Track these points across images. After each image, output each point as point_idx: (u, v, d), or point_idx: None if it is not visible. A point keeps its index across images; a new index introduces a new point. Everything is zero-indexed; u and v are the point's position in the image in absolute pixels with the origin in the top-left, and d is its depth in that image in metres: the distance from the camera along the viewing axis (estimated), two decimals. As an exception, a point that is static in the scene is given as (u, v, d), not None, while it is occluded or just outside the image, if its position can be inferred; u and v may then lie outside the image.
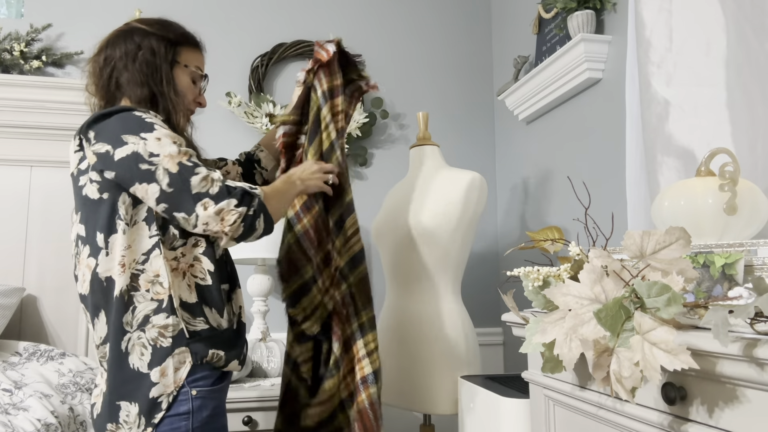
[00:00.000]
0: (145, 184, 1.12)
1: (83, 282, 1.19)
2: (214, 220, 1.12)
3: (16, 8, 2.53)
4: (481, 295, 2.72)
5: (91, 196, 1.16)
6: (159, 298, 1.15)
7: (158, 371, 1.13)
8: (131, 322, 1.14)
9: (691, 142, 1.41)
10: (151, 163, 1.12)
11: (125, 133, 1.14)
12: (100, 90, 1.29)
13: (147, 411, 1.12)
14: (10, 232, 2.29)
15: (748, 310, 0.72)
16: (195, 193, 1.11)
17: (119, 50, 1.29)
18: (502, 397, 1.53)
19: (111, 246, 1.14)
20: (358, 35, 2.78)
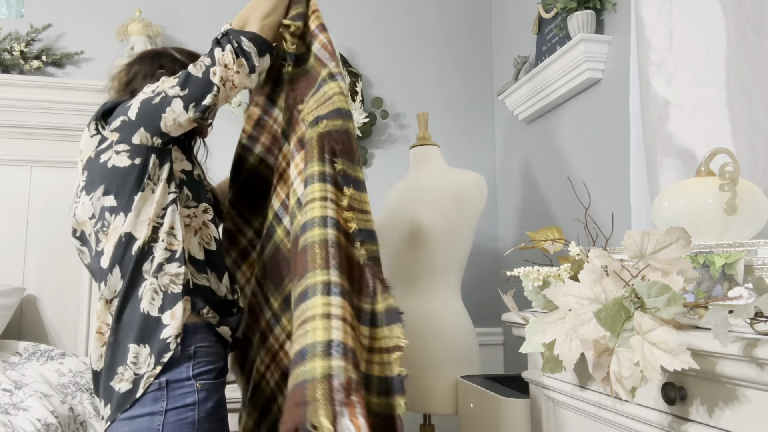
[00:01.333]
0: (168, 108, 1.22)
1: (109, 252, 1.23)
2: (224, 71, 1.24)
3: (16, 8, 2.53)
4: (481, 295, 2.72)
5: (120, 166, 1.23)
6: (173, 248, 1.23)
7: (169, 314, 1.21)
8: (149, 270, 1.22)
9: (691, 142, 1.41)
10: (157, 93, 1.23)
11: (127, 102, 1.27)
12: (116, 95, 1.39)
13: (158, 351, 1.19)
14: (10, 232, 2.29)
15: (748, 310, 0.72)
16: (201, 75, 1.24)
17: (145, 67, 1.38)
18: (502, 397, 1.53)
19: (137, 205, 1.22)
20: (358, 35, 2.78)
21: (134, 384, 1.18)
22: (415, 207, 1.96)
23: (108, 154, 1.24)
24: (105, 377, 1.21)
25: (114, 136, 1.24)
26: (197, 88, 1.24)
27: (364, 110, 2.65)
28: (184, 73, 1.25)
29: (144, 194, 1.23)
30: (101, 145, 1.26)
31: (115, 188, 1.23)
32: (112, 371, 1.20)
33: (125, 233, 1.22)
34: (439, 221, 1.91)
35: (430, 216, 1.92)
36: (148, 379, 1.18)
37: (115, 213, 1.23)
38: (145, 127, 1.23)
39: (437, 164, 2.05)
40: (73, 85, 2.32)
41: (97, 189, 1.25)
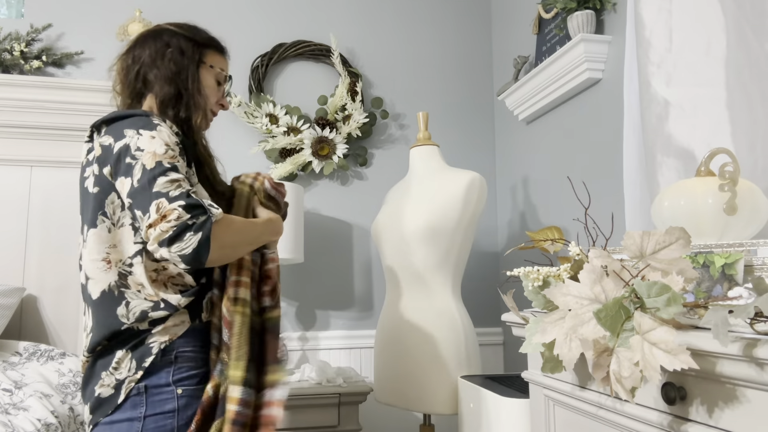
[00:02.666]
0: (122, 178, 1.09)
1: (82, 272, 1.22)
2: (156, 220, 1.03)
3: (16, 8, 2.53)
4: (481, 295, 2.72)
5: (89, 190, 1.17)
6: (152, 299, 1.14)
7: (161, 327, 1.15)
8: (127, 315, 1.13)
9: (691, 142, 1.41)
10: (134, 157, 1.09)
11: (128, 128, 1.13)
12: (127, 88, 1.30)
13: (139, 356, 1.14)
14: (10, 232, 2.29)
15: (748, 310, 0.72)
16: (155, 191, 1.04)
17: (148, 49, 1.29)
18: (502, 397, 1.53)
19: (89, 240, 1.15)
20: (358, 35, 2.78)
21: (116, 389, 1.14)
22: (414, 207, 1.96)
23: (89, 170, 1.18)
24: (88, 383, 1.18)
25: (98, 151, 1.15)
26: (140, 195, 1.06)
27: (364, 110, 2.65)
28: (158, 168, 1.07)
29: (96, 231, 1.13)
30: (89, 155, 1.19)
31: (82, 211, 1.19)
32: (95, 376, 1.17)
33: (84, 271, 1.16)
34: (439, 221, 1.91)
35: (430, 216, 1.92)
36: (129, 384, 1.13)
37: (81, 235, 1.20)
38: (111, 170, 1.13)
39: (437, 164, 2.05)
40: (73, 85, 2.32)
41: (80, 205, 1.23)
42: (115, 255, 1.14)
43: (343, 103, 2.60)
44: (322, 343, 2.56)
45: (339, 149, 2.58)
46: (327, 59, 2.68)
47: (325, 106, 2.63)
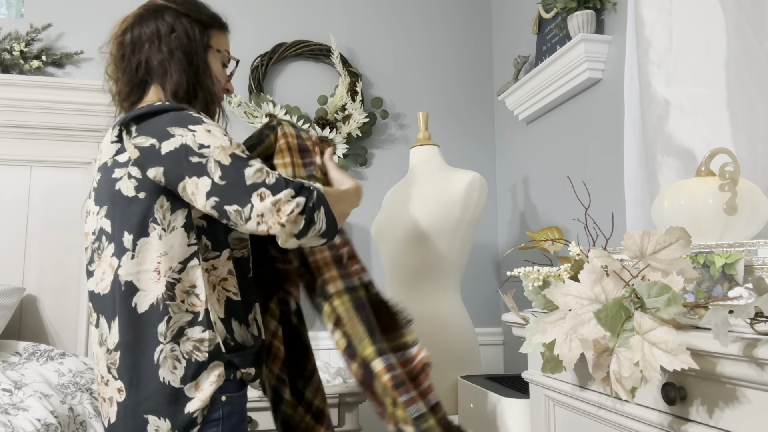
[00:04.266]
0: (195, 178, 1.03)
1: (101, 280, 1.10)
2: (270, 211, 1.01)
3: (16, 8, 2.53)
4: (481, 295, 2.72)
5: (124, 193, 1.07)
6: (195, 310, 1.08)
7: (193, 386, 1.06)
8: (165, 333, 1.06)
9: (691, 142, 1.41)
10: (201, 155, 1.03)
11: (171, 125, 1.05)
12: (125, 74, 1.18)
13: (182, 427, 1.05)
14: (10, 232, 2.29)
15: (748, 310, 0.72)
16: (250, 184, 1.02)
17: (148, 29, 1.17)
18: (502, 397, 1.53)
19: (140, 250, 1.06)
20: (358, 35, 2.78)
21: None
22: (415, 207, 1.96)
23: (120, 172, 1.08)
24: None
25: (134, 154, 1.06)
26: (231, 191, 1.02)
27: (364, 110, 2.65)
28: (241, 163, 1.04)
29: (148, 240, 1.06)
30: (118, 156, 1.09)
31: (113, 215, 1.09)
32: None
33: (125, 281, 1.06)
34: (439, 221, 1.91)
35: (430, 216, 1.92)
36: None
37: (108, 241, 1.09)
38: (166, 171, 1.05)
39: (437, 164, 2.05)
40: (73, 85, 2.32)
41: (102, 206, 1.11)
42: (165, 263, 1.06)
43: (343, 103, 2.60)
44: (321, 343, 2.56)
45: (339, 149, 2.58)
46: (327, 59, 2.68)
47: (325, 106, 2.63)
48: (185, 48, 1.18)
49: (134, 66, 1.17)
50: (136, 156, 1.06)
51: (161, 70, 1.17)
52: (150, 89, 1.19)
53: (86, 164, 2.37)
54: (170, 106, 1.09)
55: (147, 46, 1.17)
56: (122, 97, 1.20)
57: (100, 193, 1.12)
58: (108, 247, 1.09)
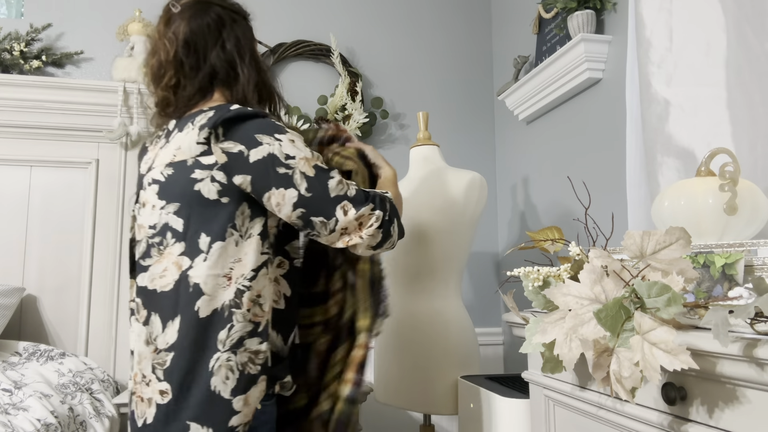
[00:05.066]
0: (282, 189, 1.04)
1: (161, 277, 1.08)
2: (353, 225, 1.07)
3: (16, 8, 2.53)
4: (481, 295, 2.72)
5: (205, 195, 1.06)
6: (256, 320, 1.07)
7: (242, 399, 1.04)
8: (225, 341, 1.04)
9: (691, 142, 1.41)
10: (288, 166, 1.05)
11: (258, 133, 1.06)
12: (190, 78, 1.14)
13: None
14: (10, 232, 2.29)
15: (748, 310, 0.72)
16: (334, 196, 1.06)
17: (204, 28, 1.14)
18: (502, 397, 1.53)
19: (213, 254, 1.05)
20: (358, 36, 2.78)
21: None
22: (415, 207, 1.96)
23: (203, 173, 1.06)
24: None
25: (221, 159, 1.05)
26: (317, 202, 1.06)
27: (364, 110, 2.65)
28: (324, 175, 1.07)
29: (224, 245, 1.05)
30: (202, 158, 1.06)
31: (188, 215, 1.07)
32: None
33: (194, 283, 1.04)
34: (439, 221, 1.91)
35: (430, 216, 1.92)
36: None
37: (176, 240, 1.07)
38: (253, 180, 1.05)
39: (437, 164, 2.05)
40: (73, 85, 2.32)
41: (171, 202, 1.08)
42: (238, 269, 1.06)
43: (343, 103, 2.60)
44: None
45: (339, 149, 2.58)
46: (327, 59, 2.68)
47: (325, 105, 2.63)
48: (245, 46, 1.17)
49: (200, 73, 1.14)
50: (224, 161, 1.05)
51: (228, 71, 1.15)
52: (215, 90, 1.16)
53: (86, 164, 2.37)
54: (257, 111, 1.08)
55: (211, 51, 1.14)
56: (183, 101, 1.15)
57: (170, 188, 1.09)
58: (175, 245, 1.07)
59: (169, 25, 1.15)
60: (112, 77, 2.38)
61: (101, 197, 2.37)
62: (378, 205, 1.09)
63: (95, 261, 2.33)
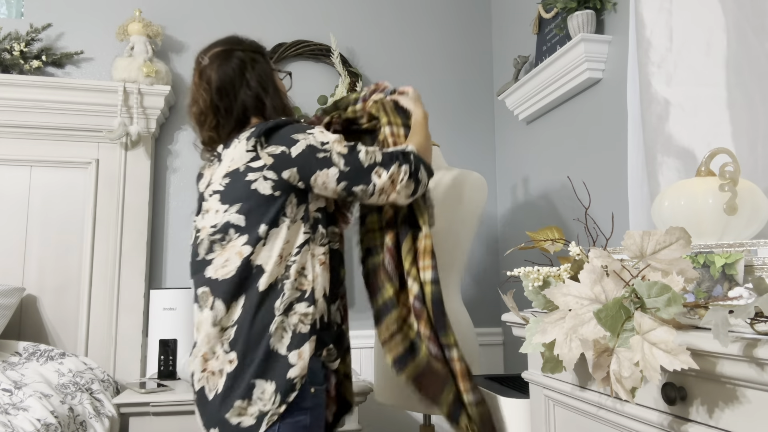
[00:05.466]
0: (325, 170, 1.28)
1: (223, 267, 1.27)
2: (387, 184, 1.31)
3: (16, 8, 2.53)
4: (481, 295, 2.72)
5: (261, 192, 1.27)
6: (303, 288, 1.28)
7: (296, 354, 1.24)
8: (279, 307, 1.25)
9: (691, 142, 1.41)
10: (325, 150, 1.28)
11: (294, 133, 1.29)
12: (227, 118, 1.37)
13: (284, 390, 1.22)
14: (10, 232, 2.29)
15: (748, 310, 0.72)
16: (366, 166, 1.30)
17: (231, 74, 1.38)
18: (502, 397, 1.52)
19: (270, 238, 1.26)
20: (358, 36, 2.78)
21: (258, 420, 1.21)
22: (415, 207, 1.96)
23: (256, 175, 1.28)
24: (219, 408, 1.23)
25: (268, 161, 1.28)
26: (356, 175, 1.29)
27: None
28: (354, 151, 1.31)
29: (278, 230, 1.27)
30: (252, 162, 1.28)
31: (249, 210, 1.27)
32: (227, 403, 1.22)
33: (256, 266, 1.25)
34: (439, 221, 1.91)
35: (430, 216, 1.91)
36: (272, 417, 1.21)
37: (239, 233, 1.27)
38: (299, 169, 1.28)
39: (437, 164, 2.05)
40: (73, 85, 2.32)
41: (233, 204, 1.29)
42: (287, 249, 1.28)
43: (343, 103, 2.60)
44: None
45: (339, 149, 2.59)
46: (327, 59, 2.68)
47: (325, 105, 2.62)
48: (267, 79, 1.42)
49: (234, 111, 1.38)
50: (271, 162, 1.28)
51: (257, 104, 1.39)
52: (251, 119, 1.40)
53: (86, 164, 2.37)
54: (287, 120, 1.34)
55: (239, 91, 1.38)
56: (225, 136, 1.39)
57: (230, 193, 1.30)
58: (238, 238, 1.27)
59: (202, 77, 1.40)
60: (112, 77, 2.38)
61: (101, 197, 2.37)
62: (402, 161, 1.32)
63: (95, 261, 2.33)
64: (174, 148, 2.55)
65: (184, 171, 2.54)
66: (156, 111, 2.41)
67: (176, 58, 2.60)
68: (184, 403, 1.86)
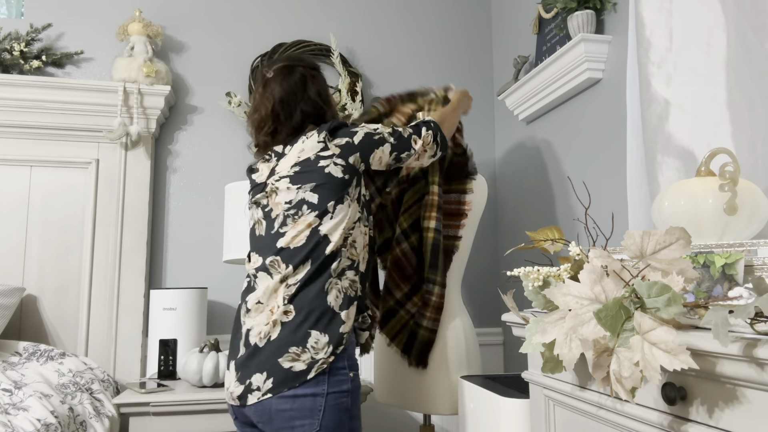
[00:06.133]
0: (381, 147, 1.55)
1: (295, 237, 1.44)
2: (421, 148, 1.61)
3: (16, 8, 2.53)
4: (481, 295, 2.72)
5: (335, 174, 1.47)
6: (353, 258, 1.49)
7: (346, 313, 1.42)
8: (336, 269, 1.44)
9: (691, 142, 1.41)
10: (378, 133, 1.55)
11: (352, 128, 1.55)
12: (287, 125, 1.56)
13: (336, 342, 1.38)
14: (10, 232, 2.29)
15: (748, 310, 0.72)
16: (406, 136, 1.59)
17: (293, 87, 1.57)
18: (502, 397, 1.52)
19: (335, 213, 1.45)
20: (358, 36, 2.78)
21: (308, 366, 1.35)
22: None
23: (327, 161, 1.48)
24: (271, 353, 1.37)
25: (336, 150, 1.49)
26: (402, 144, 1.58)
27: (364, 110, 2.64)
28: (396, 129, 1.60)
29: (343, 206, 1.47)
30: (323, 152, 1.48)
31: (322, 190, 1.46)
32: (281, 349, 1.36)
33: (323, 235, 1.44)
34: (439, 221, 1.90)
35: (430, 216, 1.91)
36: (321, 365, 1.36)
37: (311, 209, 1.45)
38: (361, 152, 1.51)
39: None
40: (73, 85, 2.32)
41: (307, 183, 1.47)
42: (346, 223, 1.47)
43: (343, 103, 2.60)
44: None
45: (339, 149, 2.58)
46: (327, 59, 2.68)
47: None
48: (323, 93, 1.62)
49: (294, 118, 1.56)
50: (338, 152, 1.49)
51: (315, 113, 1.58)
52: (308, 128, 1.56)
53: (86, 164, 2.37)
54: (344, 122, 1.58)
55: (301, 102, 1.57)
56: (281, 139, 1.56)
57: (303, 176, 1.48)
58: (309, 213, 1.45)
59: (266, 88, 1.58)
60: (112, 77, 2.38)
61: (101, 197, 2.37)
62: (426, 128, 1.63)
63: (95, 261, 2.33)
64: (174, 148, 2.55)
65: (184, 171, 2.54)
66: (156, 111, 2.41)
67: (176, 58, 2.60)
68: (184, 403, 1.86)
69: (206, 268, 2.49)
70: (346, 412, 1.39)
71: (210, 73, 2.63)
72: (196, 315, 2.22)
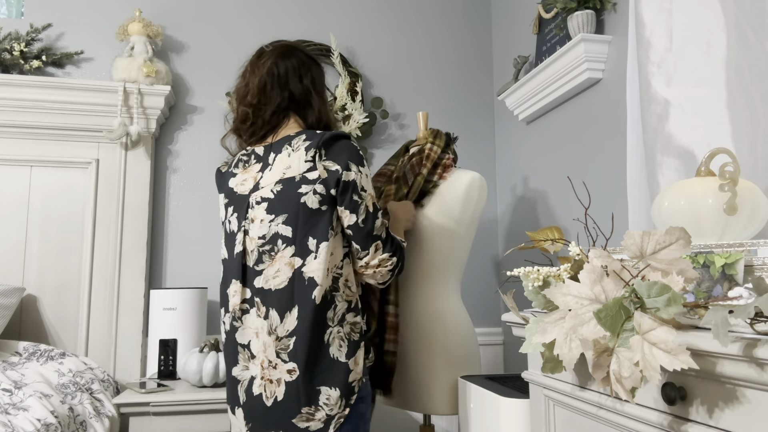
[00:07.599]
0: (347, 212, 1.35)
1: (274, 278, 1.33)
2: (374, 264, 1.39)
3: (16, 8, 2.53)
4: (481, 295, 2.72)
5: (309, 205, 1.32)
6: (349, 299, 1.37)
7: (353, 361, 1.35)
8: (333, 318, 1.33)
9: (691, 142, 1.41)
10: (360, 196, 1.35)
11: (351, 160, 1.35)
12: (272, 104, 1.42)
13: (346, 394, 1.32)
14: (10, 231, 2.29)
15: (748, 310, 0.72)
16: (374, 234, 1.37)
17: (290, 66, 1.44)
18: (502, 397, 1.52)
19: (321, 252, 1.32)
20: (358, 36, 2.78)
21: (325, 424, 1.31)
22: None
23: (307, 188, 1.33)
24: (284, 413, 1.31)
25: (323, 174, 1.33)
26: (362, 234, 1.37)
27: (364, 110, 2.65)
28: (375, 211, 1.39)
29: (327, 243, 1.32)
30: (309, 173, 1.33)
31: (296, 223, 1.32)
32: (294, 410, 1.30)
33: (308, 278, 1.31)
34: (439, 221, 1.91)
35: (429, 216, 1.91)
36: (338, 420, 1.32)
37: (286, 244, 1.32)
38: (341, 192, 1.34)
39: (437, 164, 2.05)
40: (73, 85, 2.32)
41: (280, 215, 1.33)
42: (332, 262, 1.34)
43: (343, 103, 2.60)
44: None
45: (339, 149, 2.58)
46: (327, 59, 2.68)
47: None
48: (318, 84, 1.48)
49: (280, 96, 1.42)
50: (325, 176, 1.33)
51: (301, 99, 1.44)
52: (290, 117, 1.44)
53: (86, 164, 2.37)
54: (345, 134, 1.39)
55: (291, 81, 1.43)
56: (261, 123, 1.42)
57: (278, 203, 1.34)
58: (285, 250, 1.32)
59: (260, 58, 1.46)
60: (112, 77, 2.38)
61: (101, 197, 2.37)
62: (396, 254, 1.42)
63: (95, 261, 2.33)
64: (174, 148, 2.55)
65: (184, 171, 2.54)
66: (156, 111, 2.41)
67: (176, 58, 2.60)
68: (184, 403, 1.86)
69: (206, 268, 2.49)
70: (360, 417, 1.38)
71: (210, 73, 2.63)
72: (196, 315, 2.22)
